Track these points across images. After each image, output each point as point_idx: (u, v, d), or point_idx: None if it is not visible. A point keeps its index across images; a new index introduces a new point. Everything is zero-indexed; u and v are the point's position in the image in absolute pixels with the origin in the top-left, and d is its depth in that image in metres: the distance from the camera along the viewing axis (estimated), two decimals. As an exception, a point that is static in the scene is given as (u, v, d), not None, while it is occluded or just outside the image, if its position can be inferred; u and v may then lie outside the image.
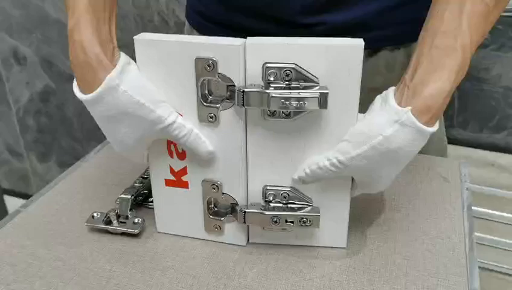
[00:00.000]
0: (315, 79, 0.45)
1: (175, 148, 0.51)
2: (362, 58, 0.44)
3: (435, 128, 0.45)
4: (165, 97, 0.48)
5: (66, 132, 1.59)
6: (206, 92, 0.47)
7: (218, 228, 0.53)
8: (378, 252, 0.52)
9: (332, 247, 0.53)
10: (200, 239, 0.54)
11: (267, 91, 0.45)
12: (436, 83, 0.43)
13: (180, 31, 1.29)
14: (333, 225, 0.52)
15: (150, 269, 0.50)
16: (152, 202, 0.60)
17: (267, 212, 0.50)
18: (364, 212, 0.58)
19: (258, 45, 0.45)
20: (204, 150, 0.49)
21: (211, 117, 0.48)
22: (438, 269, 0.50)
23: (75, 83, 0.48)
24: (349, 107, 0.46)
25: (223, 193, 0.51)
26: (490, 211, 1.07)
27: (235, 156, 0.50)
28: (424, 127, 0.44)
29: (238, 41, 0.45)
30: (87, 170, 0.69)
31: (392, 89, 0.47)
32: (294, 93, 0.44)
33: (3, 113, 1.68)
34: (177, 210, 0.54)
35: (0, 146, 1.76)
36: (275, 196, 0.51)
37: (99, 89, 0.46)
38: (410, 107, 0.43)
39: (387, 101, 0.45)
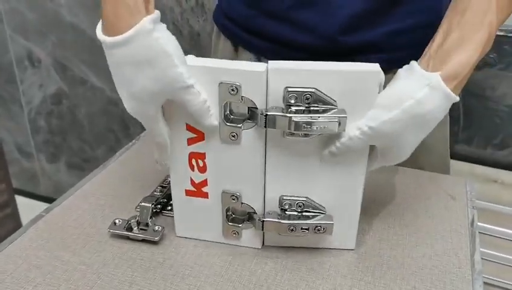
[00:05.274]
0: (333, 102, 0.48)
1: (196, 162, 0.53)
2: (378, 82, 0.48)
3: (458, 98, 0.48)
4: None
5: (76, 134, 1.62)
6: (228, 112, 0.50)
7: (236, 233, 0.56)
8: (388, 266, 0.55)
9: (342, 249, 0.57)
10: (218, 244, 0.57)
11: (289, 115, 0.47)
12: (464, 53, 0.47)
13: (193, 41, 1.32)
14: (344, 228, 0.55)
15: (171, 275, 0.53)
16: (171, 210, 0.63)
17: (283, 221, 0.53)
18: (373, 227, 0.61)
19: (280, 70, 0.48)
20: (208, 124, 0.49)
21: (233, 136, 0.50)
22: (445, 285, 0.52)
23: (99, 26, 0.47)
24: None
25: (242, 203, 0.54)
26: (495, 227, 1.10)
27: (254, 171, 0.53)
28: (451, 92, 0.47)
29: (260, 66, 0.48)
30: (107, 176, 0.71)
31: (413, 62, 0.50)
32: (314, 118, 0.47)
33: (15, 113, 1.71)
34: (196, 217, 0.57)
35: (10, 146, 1.78)
36: (290, 205, 0.54)
37: (132, 31, 0.44)
38: (439, 72, 0.47)
39: (413, 70, 0.48)
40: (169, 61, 0.45)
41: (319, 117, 0.47)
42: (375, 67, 0.47)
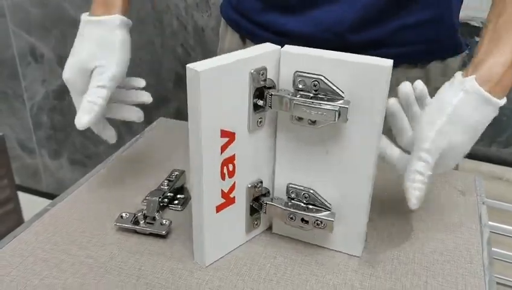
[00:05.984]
0: (340, 93, 0.48)
1: (227, 168, 0.51)
2: (389, 78, 0.47)
3: (503, 101, 0.49)
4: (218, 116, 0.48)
5: (79, 130, 1.61)
6: (255, 100, 0.50)
7: (258, 221, 0.57)
8: (399, 261, 0.54)
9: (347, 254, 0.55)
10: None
11: (292, 97, 0.48)
12: (499, 55, 0.48)
13: (198, 36, 1.31)
14: (350, 233, 0.54)
15: (178, 269, 0.52)
16: (177, 204, 0.62)
17: (284, 208, 0.54)
18: (383, 222, 0.60)
19: (291, 54, 0.49)
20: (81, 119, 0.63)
21: (260, 122, 0.51)
22: (456, 280, 0.51)
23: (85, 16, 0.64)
24: (373, 122, 0.48)
25: (264, 188, 0.55)
26: (500, 225, 1.09)
27: (270, 154, 0.54)
28: (489, 95, 0.47)
29: (276, 47, 0.50)
30: (112, 171, 0.71)
31: (458, 72, 0.51)
32: (315, 104, 0.47)
33: (17, 109, 1.70)
34: (224, 231, 0.54)
35: (12, 142, 1.78)
36: (297, 195, 0.54)
37: (104, 17, 0.61)
38: (473, 76, 0.48)
39: (454, 78, 0.50)
40: (111, 57, 0.59)
41: (320, 104, 0.47)
42: (386, 62, 0.46)
